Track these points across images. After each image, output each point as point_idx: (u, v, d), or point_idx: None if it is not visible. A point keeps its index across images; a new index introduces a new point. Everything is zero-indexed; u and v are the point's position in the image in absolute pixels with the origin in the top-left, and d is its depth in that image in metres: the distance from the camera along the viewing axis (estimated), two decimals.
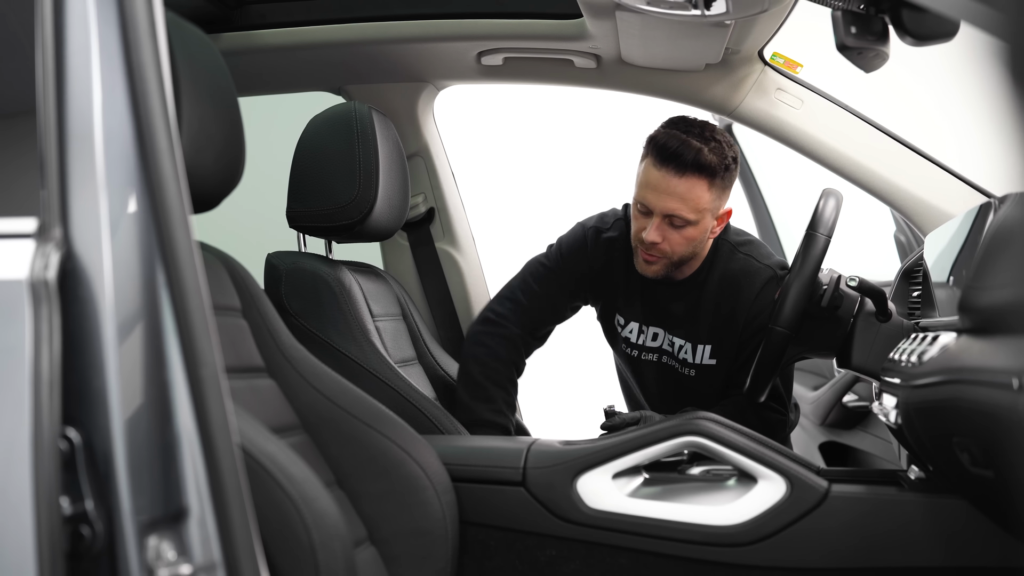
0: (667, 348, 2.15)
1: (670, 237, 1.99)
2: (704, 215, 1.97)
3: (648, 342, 2.17)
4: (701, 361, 2.11)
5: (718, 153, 1.95)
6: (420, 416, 1.93)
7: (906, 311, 1.85)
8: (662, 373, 2.19)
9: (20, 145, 1.03)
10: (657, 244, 1.99)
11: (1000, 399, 1.01)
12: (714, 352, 2.10)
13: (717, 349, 2.10)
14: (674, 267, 2.05)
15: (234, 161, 1.26)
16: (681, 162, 1.93)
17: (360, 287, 2.06)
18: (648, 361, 2.19)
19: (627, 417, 1.96)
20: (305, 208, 2.00)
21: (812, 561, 1.60)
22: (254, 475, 1.13)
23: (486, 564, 1.71)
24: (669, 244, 1.99)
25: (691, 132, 1.96)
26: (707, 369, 2.12)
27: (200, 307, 0.91)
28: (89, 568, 0.87)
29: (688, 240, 2.00)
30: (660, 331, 2.15)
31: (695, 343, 2.11)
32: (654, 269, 2.04)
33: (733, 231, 2.14)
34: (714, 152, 1.94)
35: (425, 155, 2.53)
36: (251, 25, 2.31)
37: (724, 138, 1.99)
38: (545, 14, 2.18)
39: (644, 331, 2.17)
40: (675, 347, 2.14)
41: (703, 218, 1.98)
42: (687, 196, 1.94)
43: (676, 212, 1.95)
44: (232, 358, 1.46)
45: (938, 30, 1.17)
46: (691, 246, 2.01)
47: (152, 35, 0.94)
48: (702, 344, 2.10)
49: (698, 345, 2.11)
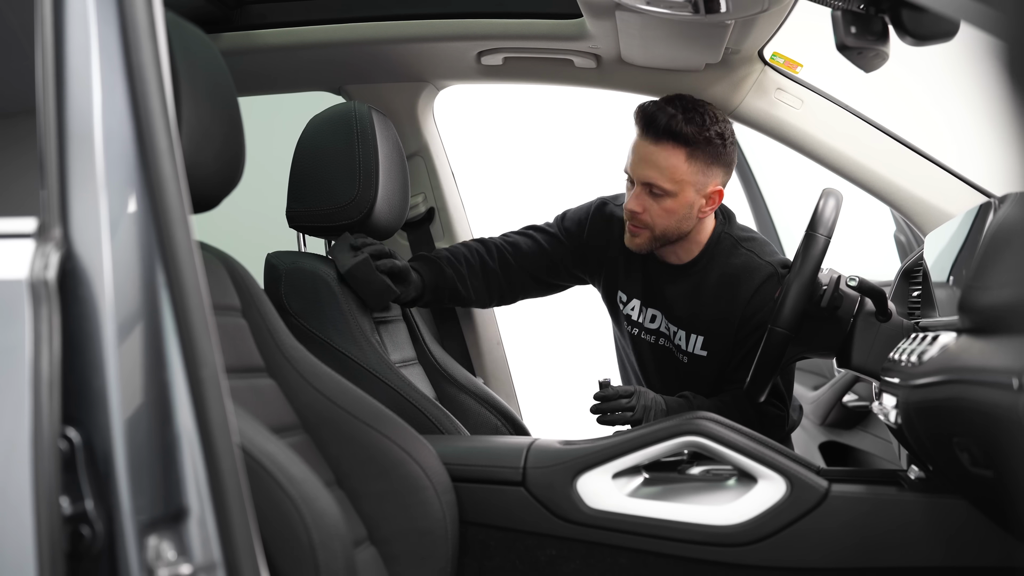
0: (664, 331, 2.17)
1: (650, 208, 2.01)
2: (683, 187, 1.98)
3: (647, 323, 2.19)
4: (693, 350, 2.12)
5: (695, 123, 1.96)
6: (420, 416, 1.92)
7: (906, 311, 1.85)
8: (660, 355, 2.20)
9: (20, 145, 1.03)
10: (637, 214, 2.02)
11: (1000, 399, 1.01)
12: (706, 344, 2.11)
13: (709, 342, 2.10)
14: (658, 242, 2.06)
15: (234, 161, 1.26)
16: (656, 128, 1.96)
17: None
18: (647, 341, 2.21)
19: (620, 389, 1.98)
20: (305, 208, 2.00)
21: (812, 561, 1.60)
22: (254, 475, 1.13)
23: (486, 564, 1.71)
24: (650, 215, 2.02)
25: (673, 102, 1.99)
26: (698, 359, 2.12)
27: (200, 307, 0.91)
28: (89, 568, 0.87)
29: (668, 212, 2.00)
30: (658, 314, 2.17)
31: (688, 332, 2.12)
32: (637, 242, 2.06)
33: (738, 226, 2.15)
34: (690, 122, 1.95)
35: (425, 155, 2.52)
36: (251, 25, 2.31)
37: (712, 114, 2.00)
38: (545, 14, 2.18)
39: (644, 311, 2.19)
40: (671, 332, 2.15)
41: (682, 190, 1.98)
42: (663, 164, 1.97)
43: (653, 180, 1.98)
44: (232, 358, 1.46)
45: (938, 30, 1.17)
46: (673, 220, 2.02)
47: (152, 35, 0.94)
48: (696, 334, 2.11)
49: (691, 334, 2.12)
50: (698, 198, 2.01)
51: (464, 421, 2.09)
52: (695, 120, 1.96)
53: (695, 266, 2.11)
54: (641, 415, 1.97)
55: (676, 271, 2.12)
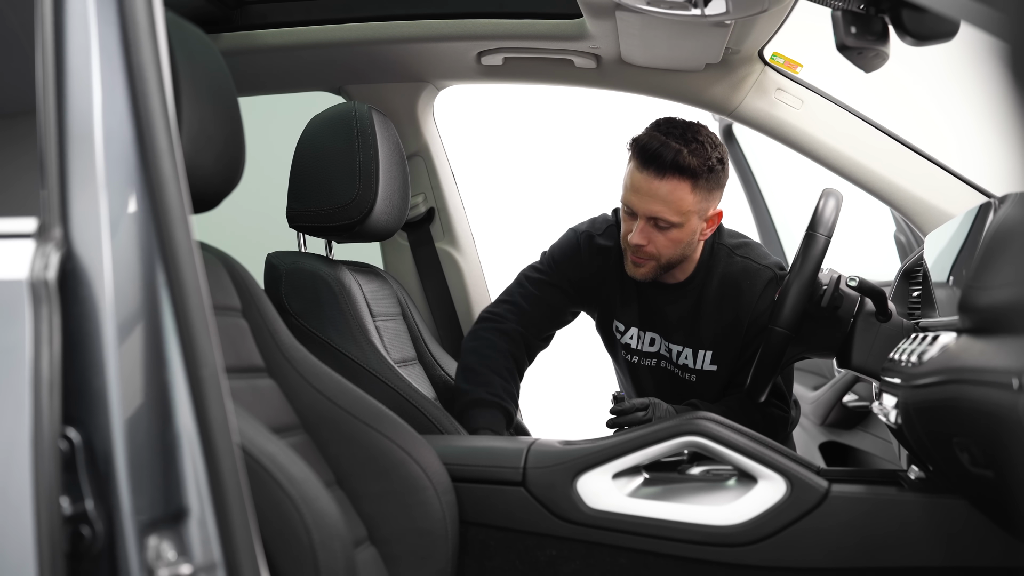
0: (664, 354, 2.15)
1: (655, 239, 1.98)
2: (689, 217, 1.96)
3: (646, 347, 2.16)
4: (702, 367, 2.10)
5: (699, 155, 1.93)
6: (420, 416, 1.93)
7: (906, 311, 1.85)
8: (661, 378, 2.18)
9: (20, 145, 1.03)
10: (643, 247, 1.99)
11: (1000, 399, 1.01)
12: (715, 358, 2.09)
13: (719, 355, 2.09)
14: (663, 270, 2.04)
15: (234, 161, 1.26)
16: (661, 164, 1.92)
17: (360, 287, 2.06)
18: (646, 366, 2.18)
19: (636, 402, 1.95)
20: (305, 208, 2.00)
21: (812, 561, 1.60)
22: (254, 475, 1.13)
23: (486, 564, 1.71)
24: (655, 246, 1.99)
25: (672, 133, 1.95)
26: (708, 375, 2.11)
27: (200, 307, 0.91)
28: (89, 568, 0.87)
29: (674, 242, 1.99)
30: (657, 336, 2.14)
31: (695, 348, 2.10)
32: (642, 272, 2.04)
33: (727, 233, 2.13)
34: (695, 154, 1.93)
35: (425, 155, 2.53)
36: (251, 25, 2.31)
37: (710, 139, 1.97)
38: (545, 14, 2.18)
39: (642, 336, 2.16)
40: (672, 353, 2.13)
41: (688, 220, 1.96)
42: (669, 198, 1.93)
43: (659, 215, 1.95)
44: (232, 358, 1.46)
45: (938, 30, 1.17)
46: (678, 248, 2.00)
47: (152, 35, 0.94)
48: (703, 350, 2.09)
49: (699, 351, 2.10)
50: (700, 223, 2.00)
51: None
52: (699, 152, 1.93)
53: (692, 282, 2.09)
54: None
55: (674, 290, 2.10)
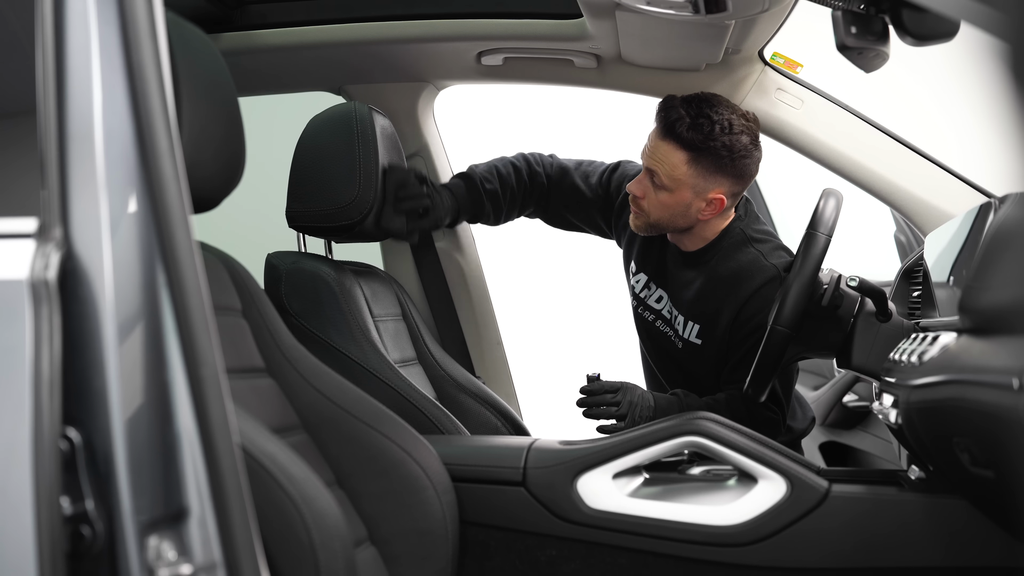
0: (666, 315, 2.18)
1: (648, 195, 2.04)
2: (680, 187, 1.99)
3: (652, 302, 2.20)
4: (689, 337, 2.12)
5: (700, 130, 1.94)
6: (420, 416, 1.93)
7: (906, 311, 1.85)
8: (655, 336, 2.21)
9: (20, 145, 1.03)
10: (638, 197, 2.05)
11: (1000, 399, 1.01)
12: (700, 333, 2.11)
13: (703, 332, 2.11)
14: (652, 229, 2.09)
15: (234, 161, 1.26)
16: (664, 124, 1.99)
17: (360, 287, 2.06)
18: (645, 319, 2.23)
19: (607, 384, 2.00)
20: (305, 208, 2.00)
21: (812, 561, 1.60)
22: (254, 475, 1.13)
23: (486, 564, 1.71)
24: (647, 202, 2.04)
25: (691, 103, 1.98)
26: (693, 347, 2.12)
27: (200, 307, 0.91)
28: (89, 568, 0.87)
29: (663, 205, 2.02)
30: (664, 295, 2.18)
31: (687, 318, 2.13)
32: (636, 223, 2.10)
33: (756, 223, 2.14)
34: (695, 128, 1.94)
35: (425, 155, 2.52)
36: (251, 25, 2.31)
37: (727, 124, 1.95)
38: (545, 14, 2.18)
39: (650, 289, 2.20)
40: (672, 316, 2.16)
41: (678, 188, 1.99)
42: (664, 160, 1.99)
43: (655, 171, 2.01)
44: (232, 358, 1.46)
45: (938, 30, 1.17)
46: (667, 213, 2.03)
47: (152, 35, 0.94)
48: (693, 322, 2.12)
49: (689, 321, 2.12)
50: (697, 200, 2.00)
51: (464, 421, 2.09)
52: (702, 127, 1.93)
53: (702, 257, 2.11)
54: (627, 411, 1.97)
55: (686, 258, 2.13)
